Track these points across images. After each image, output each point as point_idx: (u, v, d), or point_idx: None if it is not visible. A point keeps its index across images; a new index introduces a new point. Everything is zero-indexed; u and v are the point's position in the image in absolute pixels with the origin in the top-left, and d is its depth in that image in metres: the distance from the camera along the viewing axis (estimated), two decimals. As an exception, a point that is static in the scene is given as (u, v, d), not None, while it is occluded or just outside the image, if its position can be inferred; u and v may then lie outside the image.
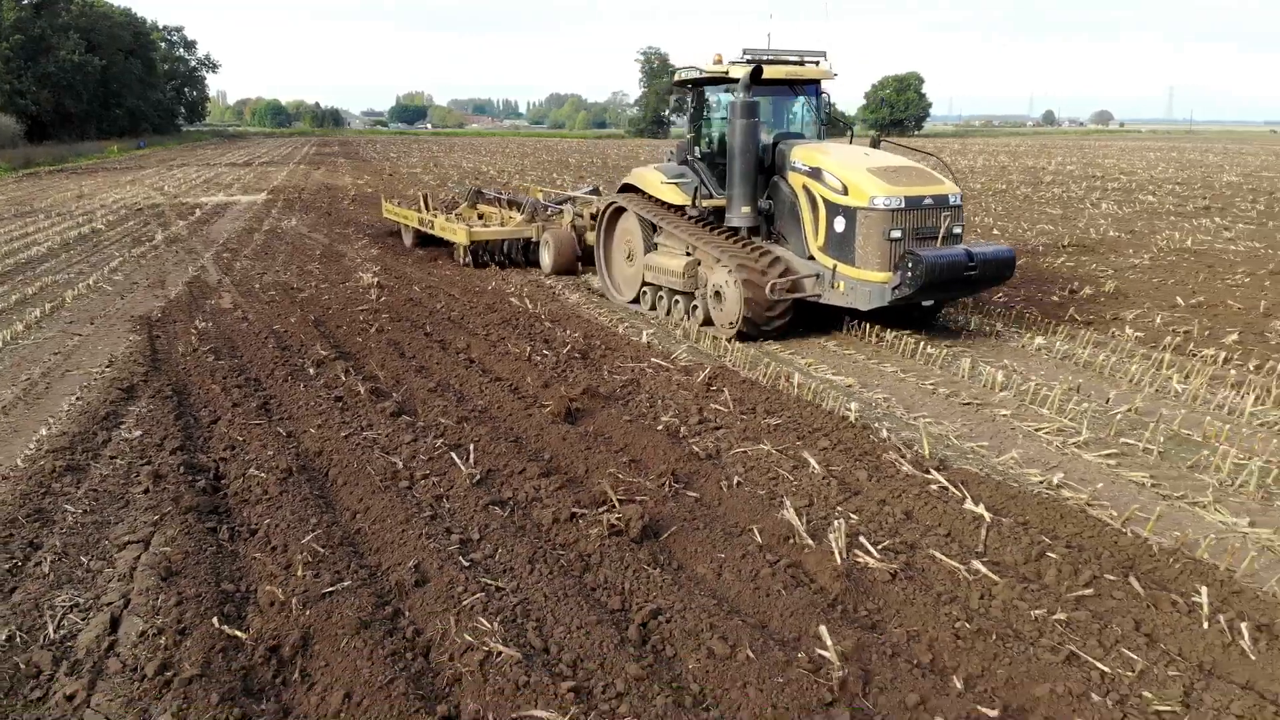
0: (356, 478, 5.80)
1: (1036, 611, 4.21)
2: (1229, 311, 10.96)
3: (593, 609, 4.24)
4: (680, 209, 10.64)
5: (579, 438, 6.50)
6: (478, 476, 5.78)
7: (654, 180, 10.98)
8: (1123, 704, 3.61)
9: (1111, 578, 4.51)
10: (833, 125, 11.43)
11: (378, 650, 3.87)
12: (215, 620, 4.16)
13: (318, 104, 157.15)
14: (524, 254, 14.50)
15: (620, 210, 11.78)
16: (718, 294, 9.77)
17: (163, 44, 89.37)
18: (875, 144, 10.76)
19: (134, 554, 4.86)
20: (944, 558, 4.70)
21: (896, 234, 8.88)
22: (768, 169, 10.14)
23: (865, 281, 9.04)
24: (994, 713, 3.53)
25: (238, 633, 4.11)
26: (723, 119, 10.65)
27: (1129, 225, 19.38)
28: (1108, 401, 7.52)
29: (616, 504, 5.20)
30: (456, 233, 14.32)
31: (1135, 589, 4.40)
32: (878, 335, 9.78)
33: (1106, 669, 3.80)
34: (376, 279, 12.95)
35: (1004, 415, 7.23)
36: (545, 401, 7.16)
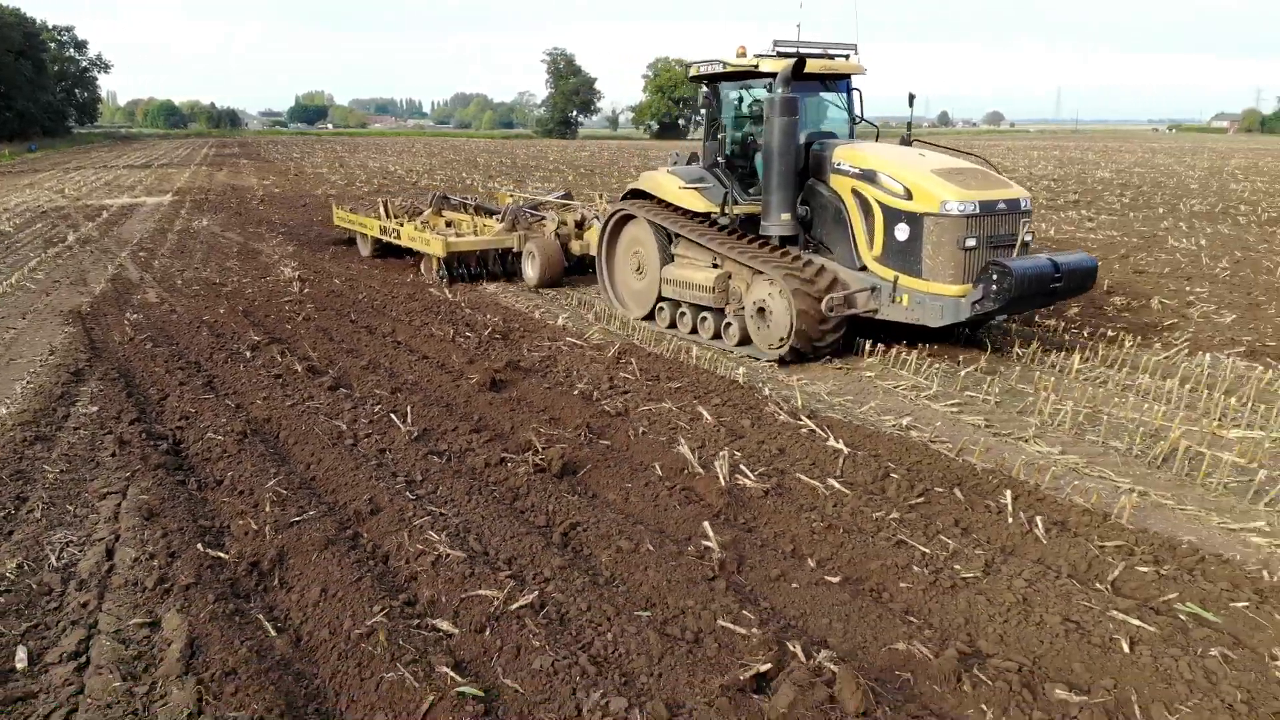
0: (306, 438, 6.56)
1: (877, 514, 5.28)
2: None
3: (523, 525, 5.14)
4: (704, 216, 9.66)
5: (503, 403, 7.38)
6: (415, 434, 6.60)
7: (669, 185, 9.93)
8: (938, 573, 4.68)
9: (940, 490, 5.63)
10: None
11: (344, 560, 4.70)
12: (200, 546, 4.92)
13: (213, 104, 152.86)
14: (503, 265, 13.33)
15: (627, 218, 10.83)
16: (761, 311, 8.75)
17: (53, 44, 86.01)
18: (905, 143, 9.63)
19: (114, 502, 5.54)
20: (807, 479, 5.75)
21: (971, 242, 8.05)
22: (800, 172, 9.11)
23: (936, 295, 8.17)
24: (836, 579, 4.57)
25: (220, 554, 4.87)
26: (747, 117, 9.87)
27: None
28: (959, 362, 8.74)
29: (540, 449, 6.11)
30: (431, 243, 12.77)
31: (958, 497, 5.52)
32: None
33: (926, 550, 4.88)
34: (297, 273, 13.51)
35: (869, 376, 8.39)
36: (470, 375, 8.00)
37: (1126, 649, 3.93)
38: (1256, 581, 4.57)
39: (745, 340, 9.14)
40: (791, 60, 8.67)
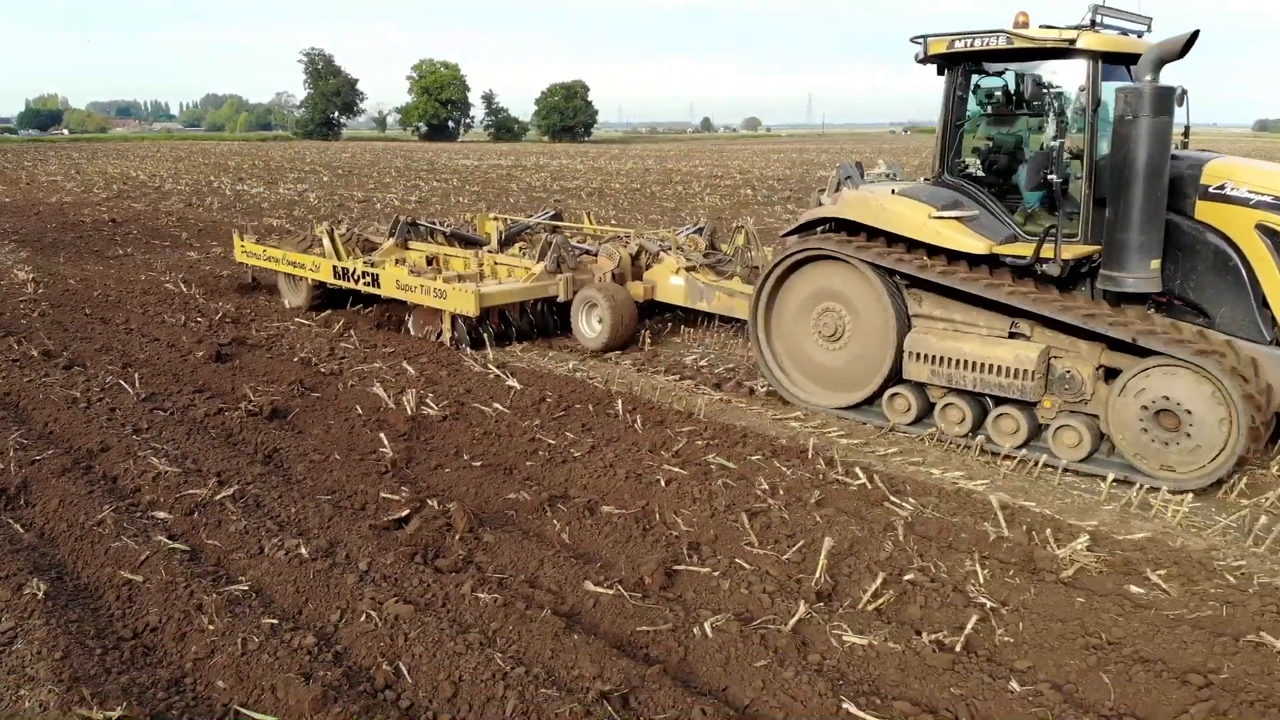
0: (44, 404, 7.40)
1: (525, 423, 6.95)
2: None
3: (234, 451, 6.39)
4: (977, 260, 6.63)
5: (227, 370, 8.48)
6: (143, 396, 7.61)
7: (911, 213, 6.73)
8: (555, 454, 6.36)
9: (579, 406, 7.38)
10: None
11: (78, 481, 5.77)
12: (-57, 484, 5.82)
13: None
14: (548, 317, 10.04)
15: (800, 263, 7.50)
16: (1162, 415, 5.95)
17: None
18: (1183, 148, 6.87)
19: None
20: (480, 406, 7.33)
21: None
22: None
23: None
24: (479, 464, 6.18)
25: (-35, 489, 5.81)
26: (1012, 113, 7.02)
27: (721, 212, 23.81)
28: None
29: (253, 398, 7.34)
30: (454, 297, 8.96)
31: (590, 410, 7.29)
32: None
33: (553, 442, 6.57)
34: (31, 275, 13.65)
35: (557, 335, 10.12)
36: (198, 351, 9.00)
37: (663, 484, 5.77)
38: (774, 444, 6.60)
39: (1091, 455, 6.32)
40: (1183, 37, 5.90)
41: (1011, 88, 6.94)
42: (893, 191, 7.00)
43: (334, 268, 10.38)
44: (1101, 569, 4.81)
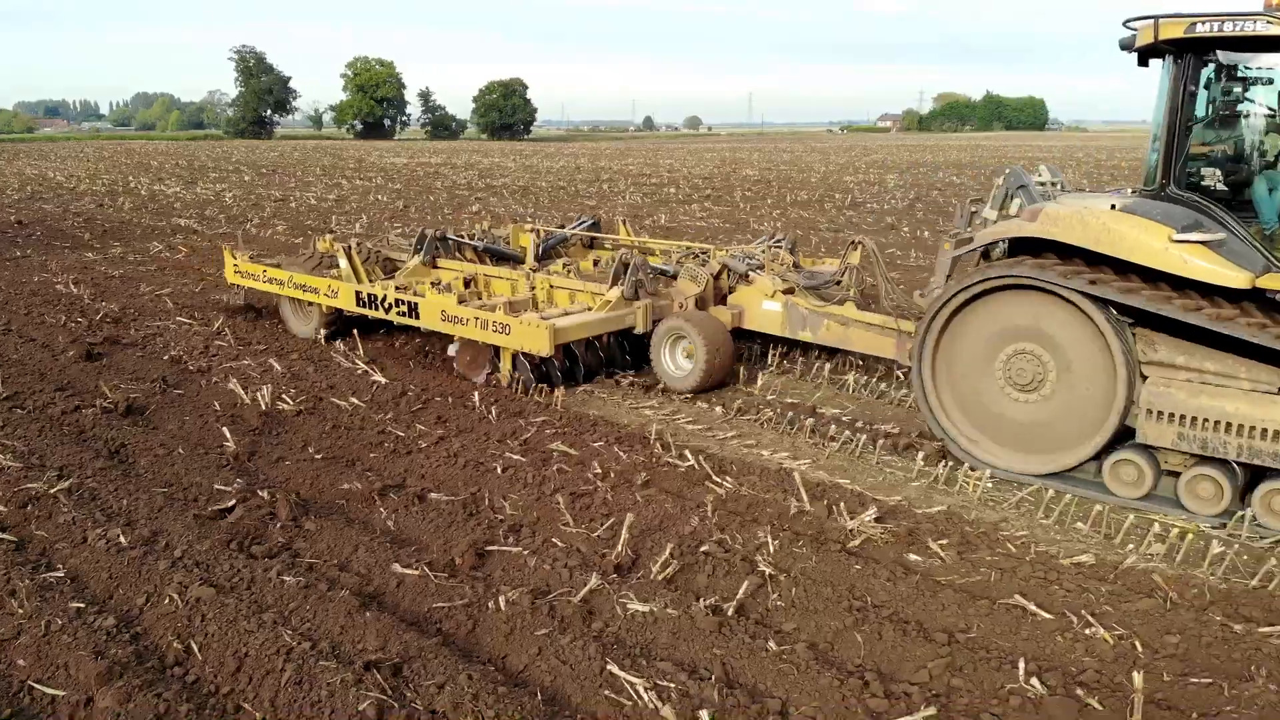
0: (-107, 405, 7.38)
1: (379, 417, 7.11)
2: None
3: (81, 447, 6.44)
4: (1235, 295, 5.44)
5: (94, 369, 8.49)
6: (5, 394, 7.61)
7: (1147, 237, 5.43)
8: (400, 446, 6.53)
9: (438, 400, 7.56)
10: None
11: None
12: None
13: None
14: (616, 350, 8.41)
15: (981, 295, 6.16)
16: None
17: None
18: None
19: None
20: (338, 400, 7.48)
21: None
22: None
23: None
24: (320, 456, 6.33)
25: None
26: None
27: (639, 209, 24.10)
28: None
29: (110, 395, 7.40)
30: (521, 330, 7.43)
31: (448, 402, 7.48)
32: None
33: (403, 434, 6.74)
34: (-88, 278, 13.40)
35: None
36: (70, 350, 8.99)
37: (499, 471, 6.00)
38: (620, 430, 6.86)
39: None
40: None
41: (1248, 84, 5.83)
42: (1113, 207, 5.66)
43: (357, 294, 8.80)
44: (888, 539, 5.14)
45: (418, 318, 8.34)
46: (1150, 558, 5.01)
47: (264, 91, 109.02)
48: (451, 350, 8.39)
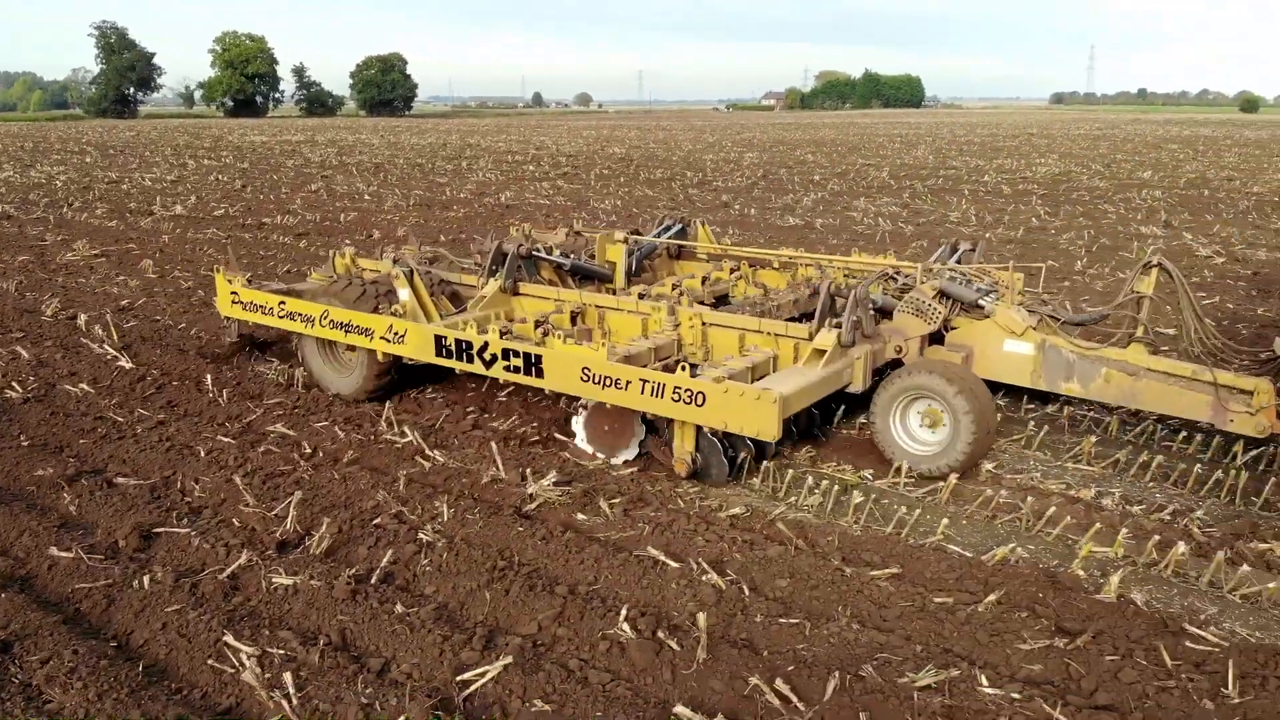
0: None
1: (105, 402, 7.01)
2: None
3: None
4: None
5: None
6: None
7: None
8: (117, 430, 6.47)
9: (176, 385, 7.48)
10: None
11: None
12: None
13: None
14: (811, 422, 6.37)
15: None
16: None
17: None
18: None
19: None
20: (72, 388, 7.33)
21: None
22: None
23: None
24: (28, 442, 6.22)
25: None
26: None
27: (491, 185, 24.00)
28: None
29: None
30: (737, 401, 5.12)
31: (185, 388, 7.41)
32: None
33: (123, 420, 6.67)
34: None
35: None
36: None
37: (202, 454, 6.01)
38: (349, 410, 6.92)
39: None
40: None
41: None
42: None
43: (438, 340, 6.26)
44: (565, 502, 5.38)
45: (539, 375, 5.86)
46: (805, 509, 5.37)
47: (126, 69, 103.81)
48: (577, 425, 6.13)
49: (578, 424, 6.10)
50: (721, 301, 7.32)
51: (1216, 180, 25.84)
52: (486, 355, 6.06)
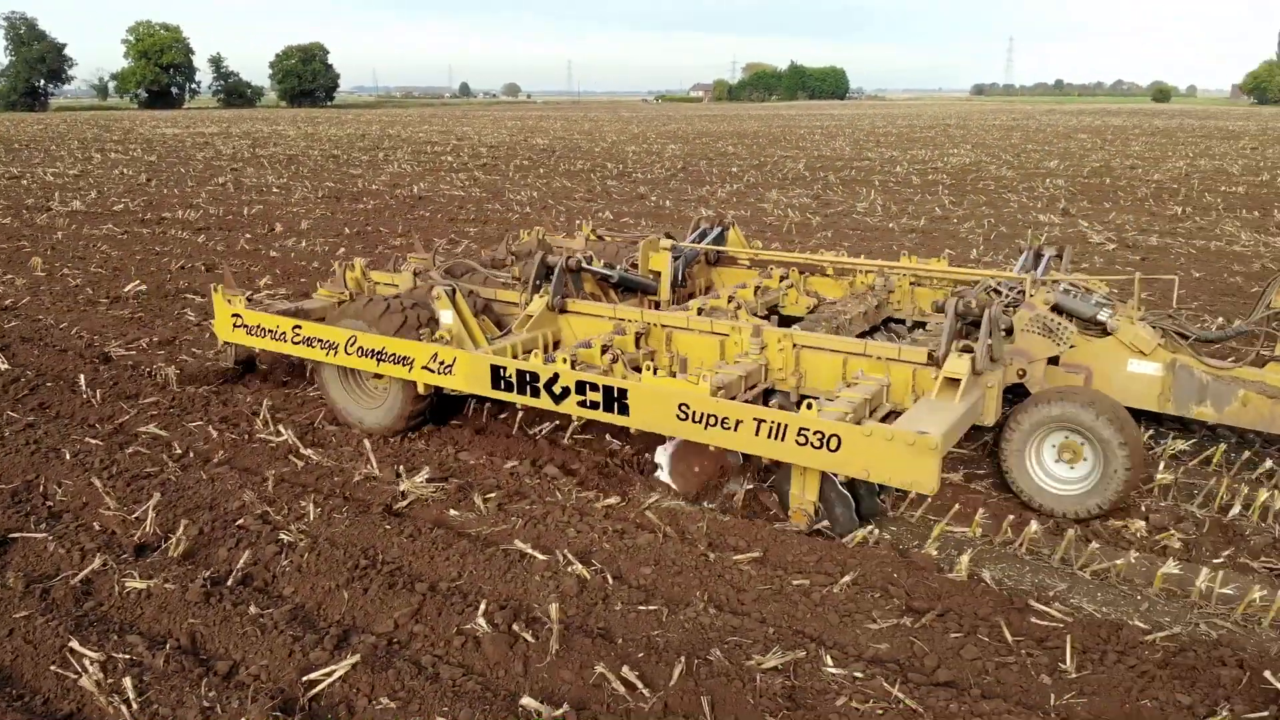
0: None
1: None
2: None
3: None
4: None
5: None
6: None
7: None
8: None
9: (51, 385, 7.24)
10: None
11: None
12: None
13: None
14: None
15: None
16: None
17: None
18: None
19: None
20: (-67, 392, 7.05)
21: None
22: None
23: None
24: (-123, 452, 5.98)
25: None
26: None
27: (406, 177, 23.66)
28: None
29: None
30: (880, 446, 4.35)
31: (60, 389, 7.18)
32: (63, 275, 11.77)
33: (15, 416, 6.45)
34: None
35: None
36: None
37: (68, 457, 5.83)
38: (227, 411, 6.79)
39: None
40: None
41: None
42: None
43: (495, 370, 5.45)
44: (440, 498, 5.36)
45: (623, 412, 5.06)
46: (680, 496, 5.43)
47: (36, 60, 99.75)
48: (661, 457, 5.48)
49: (663, 455, 5.43)
50: (772, 313, 6.80)
51: (1120, 169, 26.75)
52: (556, 389, 5.24)
